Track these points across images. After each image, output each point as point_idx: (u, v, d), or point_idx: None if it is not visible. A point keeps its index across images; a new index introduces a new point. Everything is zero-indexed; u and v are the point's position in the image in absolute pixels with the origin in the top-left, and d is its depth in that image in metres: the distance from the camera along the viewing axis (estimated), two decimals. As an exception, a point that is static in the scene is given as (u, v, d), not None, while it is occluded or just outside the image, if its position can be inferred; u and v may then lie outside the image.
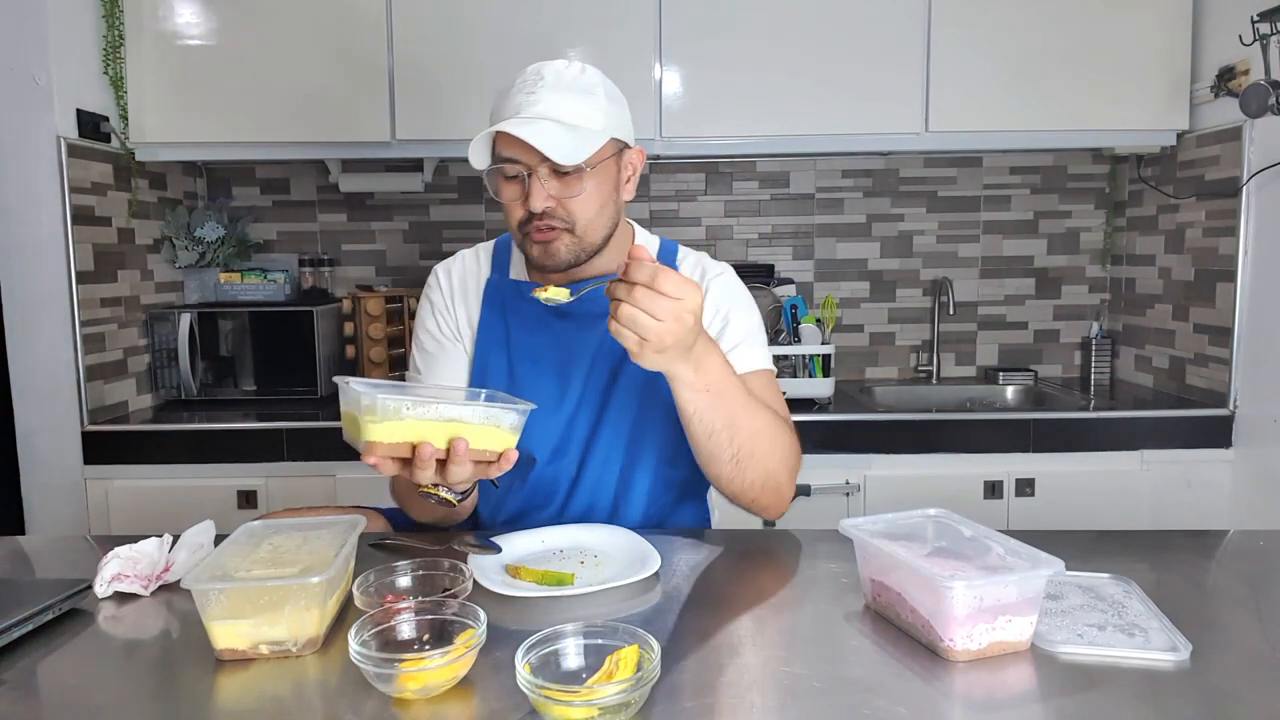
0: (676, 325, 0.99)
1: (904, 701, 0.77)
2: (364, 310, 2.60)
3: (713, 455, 1.15)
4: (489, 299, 1.36)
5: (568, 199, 1.21)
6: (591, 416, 1.32)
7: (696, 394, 1.10)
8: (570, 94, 1.20)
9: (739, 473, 1.17)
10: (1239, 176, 2.24)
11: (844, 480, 2.28)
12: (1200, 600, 1.01)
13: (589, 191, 1.21)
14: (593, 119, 1.20)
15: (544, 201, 1.19)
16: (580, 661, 0.79)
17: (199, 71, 2.39)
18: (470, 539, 1.16)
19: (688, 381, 1.09)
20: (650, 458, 1.32)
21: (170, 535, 1.11)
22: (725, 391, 1.12)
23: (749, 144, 2.52)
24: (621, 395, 1.31)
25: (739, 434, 1.14)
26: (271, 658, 0.86)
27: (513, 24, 2.40)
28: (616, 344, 1.30)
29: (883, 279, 2.92)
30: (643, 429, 1.31)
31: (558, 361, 1.32)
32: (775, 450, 1.18)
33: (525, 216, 1.22)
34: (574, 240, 1.23)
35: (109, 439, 2.27)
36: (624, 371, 1.30)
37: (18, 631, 0.90)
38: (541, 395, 1.29)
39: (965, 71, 2.41)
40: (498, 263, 1.39)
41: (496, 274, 1.38)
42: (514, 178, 1.21)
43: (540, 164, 1.18)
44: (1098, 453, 2.29)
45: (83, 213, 2.25)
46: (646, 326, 0.98)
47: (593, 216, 1.24)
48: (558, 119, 1.18)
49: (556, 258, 1.23)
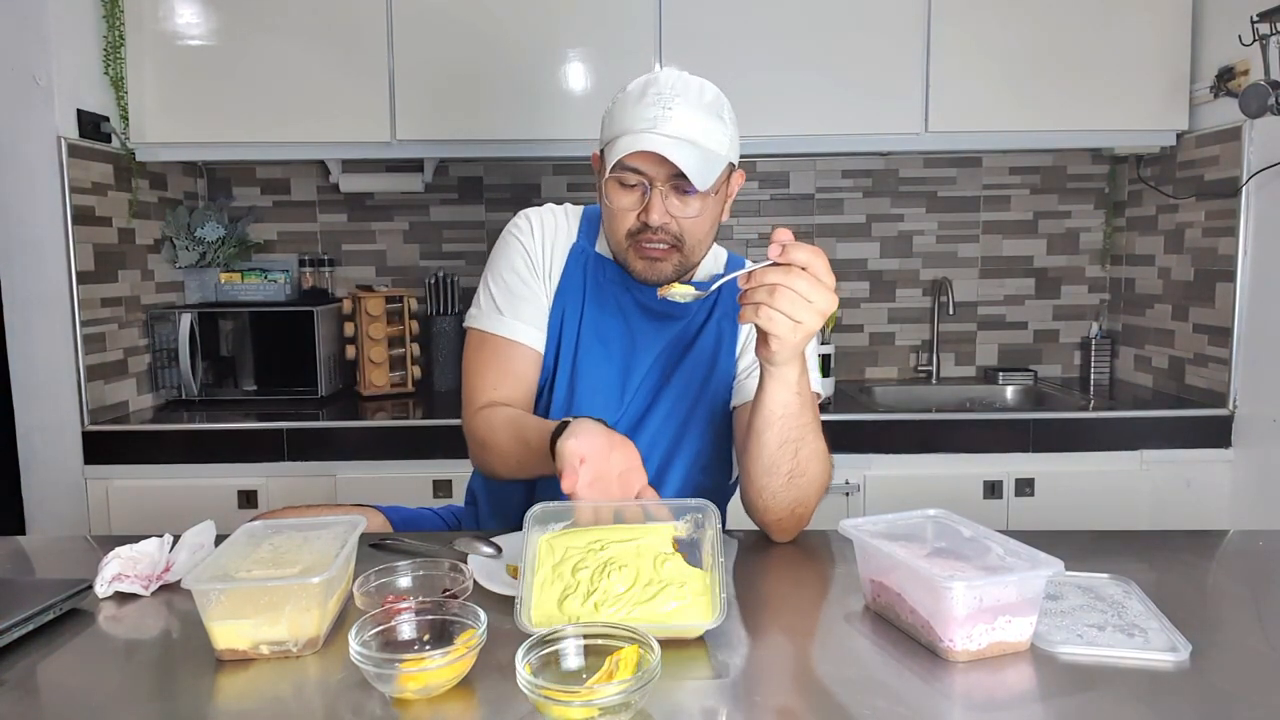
0: (827, 309, 0.99)
1: (904, 702, 0.77)
2: (364, 310, 2.60)
3: (773, 467, 1.13)
4: (572, 263, 1.34)
5: (684, 218, 1.21)
6: (639, 412, 1.32)
7: (792, 396, 1.09)
8: (704, 114, 1.19)
9: (787, 489, 1.14)
10: (1239, 176, 2.24)
11: (844, 480, 2.28)
12: (1200, 600, 1.02)
13: (705, 214, 1.23)
14: (720, 142, 1.20)
15: (663, 217, 1.19)
16: (580, 661, 0.79)
17: (199, 71, 2.39)
18: (470, 539, 1.16)
19: (790, 382, 1.08)
20: (684, 462, 1.32)
21: (170, 535, 1.10)
22: (808, 401, 1.12)
23: (749, 144, 2.48)
24: (671, 397, 1.31)
25: (803, 449, 1.13)
26: (272, 658, 0.86)
27: (513, 24, 2.40)
28: (680, 346, 1.32)
29: (882, 279, 2.92)
30: (684, 432, 1.31)
31: (624, 349, 1.32)
32: (821, 476, 1.17)
33: (637, 227, 1.21)
34: (681, 260, 1.24)
35: (109, 439, 2.27)
36: (678, 375, 1.31)
37: (18, 631, 0.90)
38: (602, 378, 1.30)
39: (965, 71, 2.41)
40: (586, 231, 1.37)
41: (584, 241, 1.36)
42: (633, 186, 1.21)
43: (665, 180, 1.18)
44: (1097, 453, 2.29)
45: (83, 213, 2.25)
46: (804, 310, 0.97)
47: (702, 238, 1.25)
48: (694, 140, 1.17)
49: (662, 275, 1.24)
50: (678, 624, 0.87)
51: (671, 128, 1.16)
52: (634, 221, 1.22)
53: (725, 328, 1.33)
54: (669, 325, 1.33)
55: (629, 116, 1.19)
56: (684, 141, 1.16)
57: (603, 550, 0.94)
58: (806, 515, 1.19)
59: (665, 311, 1.31)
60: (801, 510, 1.17)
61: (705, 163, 1.17)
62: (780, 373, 1.07)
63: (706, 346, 1.32)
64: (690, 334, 1.33)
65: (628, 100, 1.21)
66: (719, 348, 1.32)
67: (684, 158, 1.14)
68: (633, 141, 1.16)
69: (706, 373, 1.32)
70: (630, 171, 1.19)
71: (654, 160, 1.16)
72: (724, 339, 1.33)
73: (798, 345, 1.02)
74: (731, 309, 1.30)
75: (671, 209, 1.20)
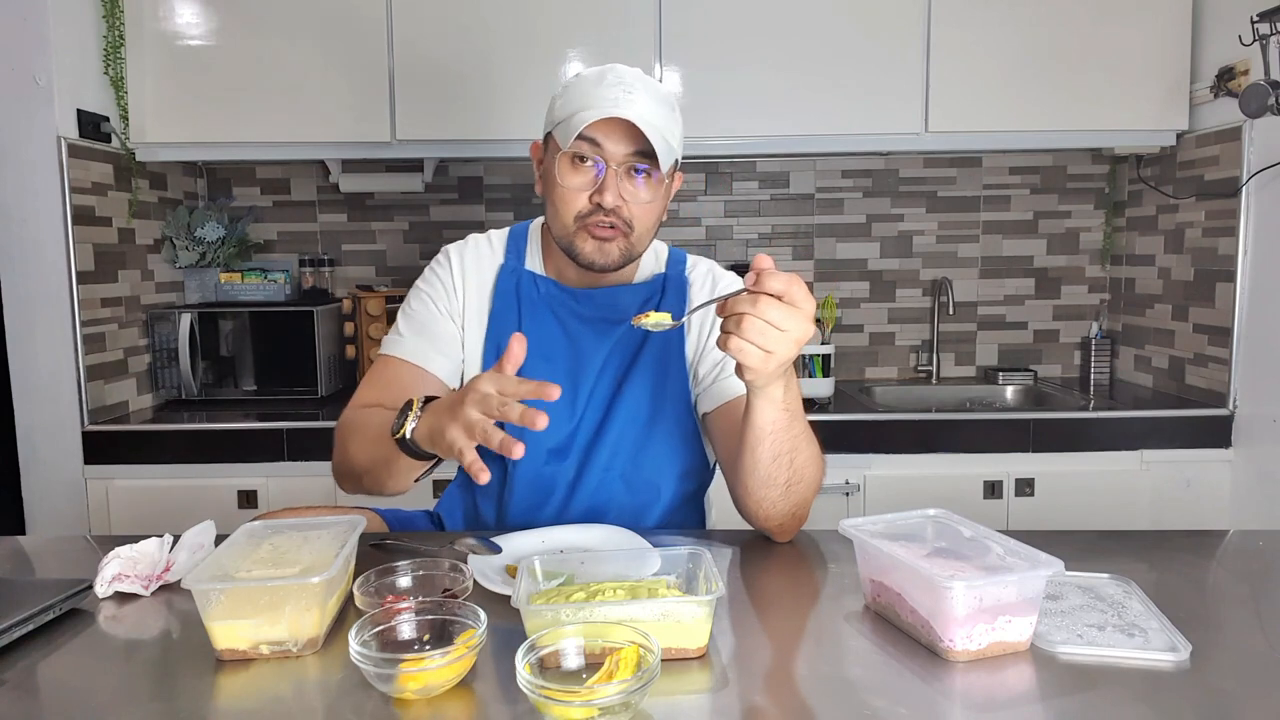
0: (803, 337, 0.95)
1: (904, 702, 0.77)
2: (364, 310, 2.60)
3: (769, 479, 1.11)
4: (501, 287, 1.34)
5: (636, 203, 1.21)
6: (595, 421, 1.31)
7: (780, 413, 1.06)
8: (661, 105, 1.20)
9: (785, 499, 1.13)
10: (1239, 176, 2.24)
11: (844, 480, 2.28)
12: (1200, 600, 1.02)
13: (656, 202, 1.22)
14: (674, 134, 1.22)
15: (617, 199, 1.19)
16: (580, 661, 0.79)
17: (199, 71, 2.39)
18: (470, 539, 1.16)
19: (776, 400, 1.05)
20: (654, 465, 1.31)
21: (170, 535, 1.10)
22: (798, 414, 1.09)
23: (749, 144, 2.52)
24: (628, 403, 1.30)
25: (798, 458, 1.12)
26: (272, 658, 0.86)
27: (513, 24, 2.40)
28: (627, 352, 1.31)
29: (882, 279, 2.92)
30: (649, 436, 1.31)
31: (568, 361, 1.31)
32: (816, 479, 1.16)
33: (588, 209, 1.21)
34: (627, 245, 1.23)
35: (109, 439, 2.27)
36: (630, 381, 1.30)
37: (18, 631, 0.90)
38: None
39: (965, 71, 2.41)
40: (513, 250, 1.37)
41: (512, 261, 1.36)
42: (587, 165, 1.20)
43: (622, 161, 1.18)
44: (1097, 453, 2.29)
45: (83, 213, 2.25)
46: (775, 341, 0.94)
47: (650, 226, 1.25)
48: (655, 125, 1.17)
49: (609, 258, 1.23)
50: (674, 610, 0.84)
51: (634, 111, 1.17)
52: (585, 203, 1.20)
53: (673, 334, 1.31)
54: (610, 330, 1.31)
55: (589, 96, 1.19)
56: (647, 123, 1.16)
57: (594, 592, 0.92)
58: (805, 515, 1.19)
59: (603, 317, 1.30)
60: (801, 512, 1.18)
61: (666, 148, 1.18)
62: (765, 393, 1.04)
63: (654, 349, 1.31)
64: (637, 337, 1.31)
65: (584, 84, 1.21)
66: (667, 349, 1.31)
67: (651, 134, 1.15)
68: (599, 113, 1.16)
69: (660, 375, 1.31)
70: (590, 144, 1.18)
71: (617, 135, 1.16)
72: (671, 340, 1.31)
73: (772, 373, 0.99)
74: (676, 310, 1.30)
75: (625, 192, 1.20)
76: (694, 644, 0.85)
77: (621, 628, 0.79)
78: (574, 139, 1.17)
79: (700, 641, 0.85)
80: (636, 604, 0.84)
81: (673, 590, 0.90)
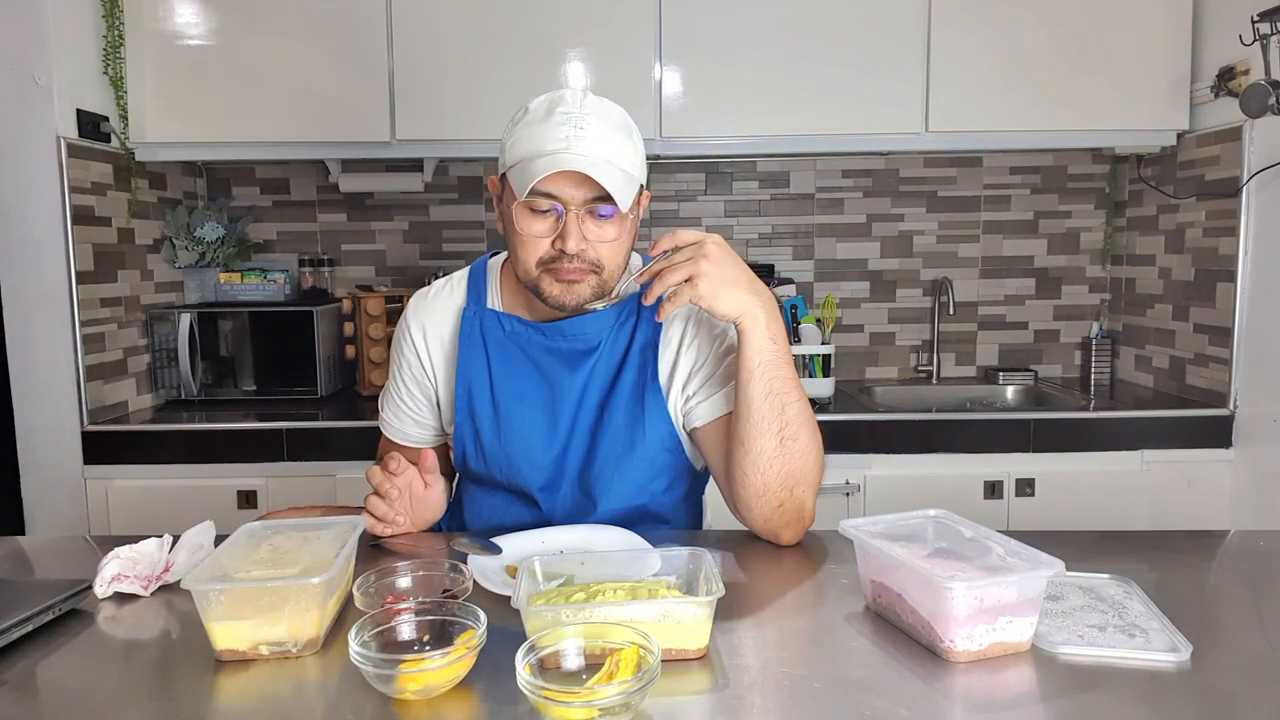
0: (713, 248, 1.09)
1: (904, 702, 0.77)
2: (364, 310, 2.60)
3: (762, 424, 1.12)
4: (466, 332, 1.29)
5: (601, 243, 1.16)
6: (581, 454, 1.28)
7: (766, 341, 1.12)
8: (617, 134, 1.15)
9: (780, 455, 1.13)
10: (1239, 176, 2.24)
11: (844, 480, 2.28)
12: (1200, 600, 1.02)
13: (622, 237, 1.18)
14: (633, 162, 1.17)
15: (580, 243, 1.14)
16: (580, 662, 0.79)
17: (199, 71, 2.39)
18: (470, 540, 1.16)
19: (760, 325, 1.12)
20: (650, 491, 1.29)
21: (170, 535, 1.10)
22: (786, 351, 1.15)
23: (749, 144, 2.52)
24: (612, 429, 1.27)
25: (790, 406, 1.13)
26: (271, 658, 0.86)
27: (513, 24, 2.40)
28: (605, 376, 1.28)
29: (883, 279, 2.92)
30: (628, 461, 1.27)
31: (544, 399, 1.28)
32: (813, 448, 1.15)
33: (552, 255, 1.16)
34: (599, 283, 1.18)
35: (109, 439, 2.27)
36: (612, 405, 1.27)
37: (18, 631, 0.90)
38: (531, 433, 1.27)
39: (965, 71, 2.41)
40: (474, 293, 1.32)
41: (473, 304, 1.31)
42: (545, 212, 1.15)
43: (582, 204, 1.14)
44: (1098, 453, 2.29)
45: (83, 213, 2.25)
46: (690, 265, 1.08)
47: (621, 261, 1.20)
48: (610, 160, 1.13)
49: (580, 298, 1.18)
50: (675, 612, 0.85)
51: (586, 147, 1.12)
52: (547, 249, 1.15)
53: (649, 355, 1.27)
54: (583, 361, 1.27)
55: (537, 137, 1.14)
56: (601, 161, 1.12)
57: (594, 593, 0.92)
58: (806, 504, 1.16)
59: (573, 348, 1.26)
60: (801, 492, 1.15)
61: (625, 182, 1.13)
62: (747, 314, 1.11)
63: (632, 369, 1.27)
64: (613, 365, 1.28)
65: (532, 120, 1.16)
66: (644, 373, 1.27)
67: (607, 177, 1.10)
68: (550, 163, 1.10)
69: (637, 394, 1.27)
70: (543, 197, 1.12)
71: (571, 182, 1.11)
72: (647, 363, 1.27)
73: (730, 294, 1.09)
74: (652, 337, 1.27)
75: (589, 233, 1.15)
76: (694, 645, 0.85)
77: (622, 628, 0.79)
78: (527, 192, 1.12)
79: (700, 642, 0.85)
80: (636, 605, 0.84)
81: (673, 591, 0.90)
